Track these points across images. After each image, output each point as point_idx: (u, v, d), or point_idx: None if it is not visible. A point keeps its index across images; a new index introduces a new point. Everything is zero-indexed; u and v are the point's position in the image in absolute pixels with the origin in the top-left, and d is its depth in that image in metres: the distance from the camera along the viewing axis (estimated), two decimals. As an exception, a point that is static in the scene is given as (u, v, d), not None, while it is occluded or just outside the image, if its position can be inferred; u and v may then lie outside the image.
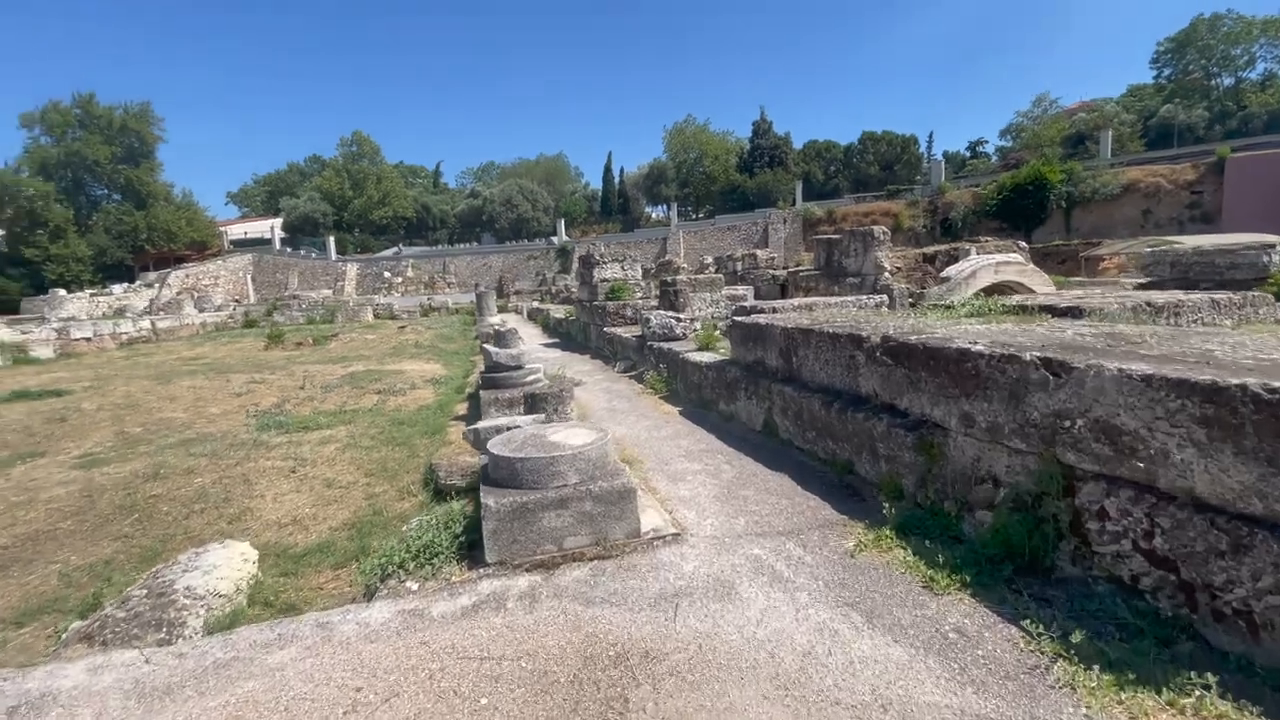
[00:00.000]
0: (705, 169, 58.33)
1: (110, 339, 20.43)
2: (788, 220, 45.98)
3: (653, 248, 46.43)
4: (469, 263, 49.62)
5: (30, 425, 7.66)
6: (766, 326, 5.34)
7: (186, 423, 7.70)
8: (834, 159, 64.51)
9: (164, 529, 4.58)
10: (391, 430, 6.84)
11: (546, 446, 3.37)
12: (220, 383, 10.29)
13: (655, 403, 6.99)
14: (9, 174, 45.79)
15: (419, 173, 73.89)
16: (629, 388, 8.06)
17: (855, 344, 4.12)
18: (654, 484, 4.23)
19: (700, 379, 6.52)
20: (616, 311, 11.50)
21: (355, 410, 8.02)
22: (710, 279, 11.84)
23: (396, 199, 60.03)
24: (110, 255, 49.41)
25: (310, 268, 52.60)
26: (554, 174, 66.84)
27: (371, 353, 14.73)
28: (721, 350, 7.09)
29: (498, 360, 6.92)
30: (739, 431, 5.41)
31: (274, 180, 72.13)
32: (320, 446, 6.26)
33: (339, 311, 28.89)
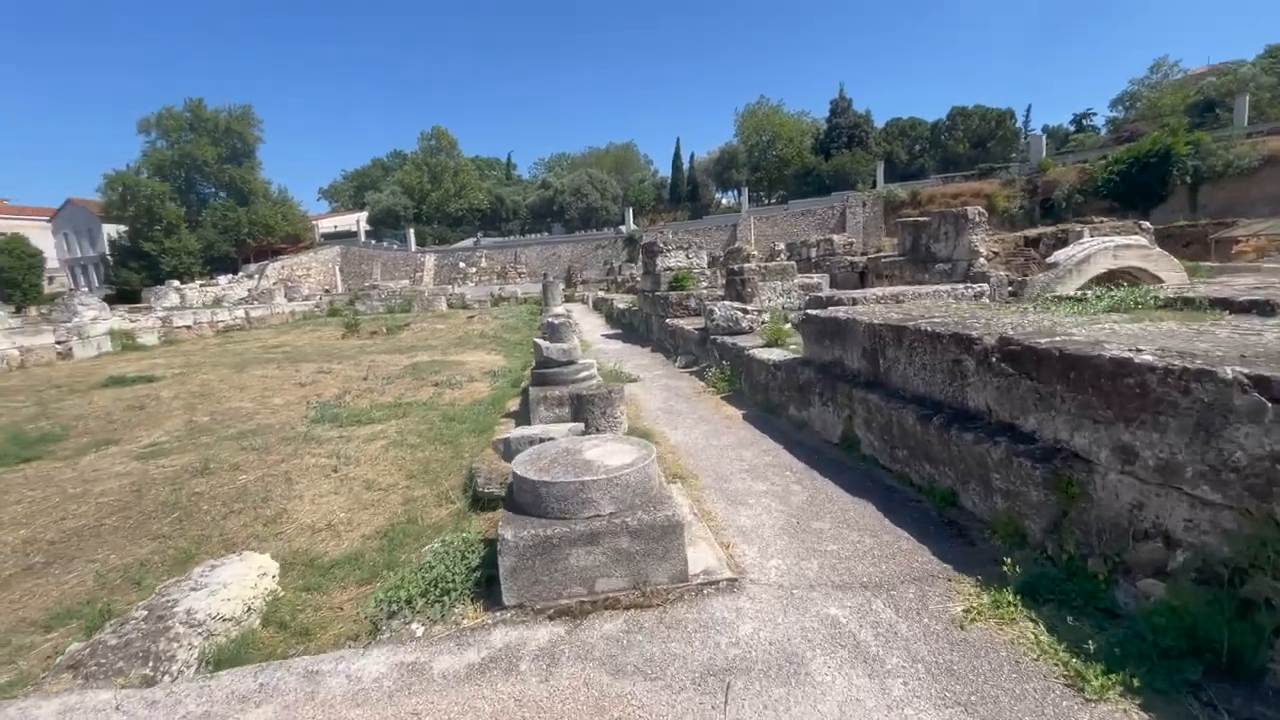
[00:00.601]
0: (778, 152, 56.20)
1: (208, 326, 21.80)
2: (867, 203, 43.55)
3: (722, 235, 45.23)
4: (539, 252, 50.16)
5: (112, 412, 7.95)
6: (847, 321, 4.59)
7: (250, 413, 7.76)
8: (919, 137, 60.57)
9: (201, 529, 4.42)
10: (441, 427, 6.56)
11: (578, 467, 2.84)
12: (290, 371, 10.48)
13: (716, 404, 6.35)
14: (130, 175, 50.15)
15: (493, 165, 75.45)
16: (689, 386, 7.44)
17: (962, 346, 3.34)
18: (709, 507, 3.62)
19: (767, 379, 5.82)
20: (679, 302, 10.87)
21: (410, 404, 7.84)
22: (781, 266, 10.99)
23: (472, 191, 61.51)
24: (217, 248, 53.30)
25: (392, 259, 54.79)
26: (623, 163, 66.44)
27: (438, 342, 14.81)
28: (792, 346, 6.35)
29: (548, 356, 6.49)
30: (812, 443, 4.71)
31: (360, 176, 75.76)
32: (367, 444, 6.05)
33: (415, 301, 29.80)
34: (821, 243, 19.67)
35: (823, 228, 42.35)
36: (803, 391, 5.09)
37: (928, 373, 3.65)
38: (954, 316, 4.00)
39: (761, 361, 5.95)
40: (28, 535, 4.30)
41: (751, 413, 5.81)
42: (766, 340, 6.76)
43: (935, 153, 58.07)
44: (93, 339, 15.98)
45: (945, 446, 3.32)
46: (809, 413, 5.00)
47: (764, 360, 5.90)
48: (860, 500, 3.56)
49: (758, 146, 56.76)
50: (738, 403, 6.26)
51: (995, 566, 2.67)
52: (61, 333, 15.16)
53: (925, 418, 3.48)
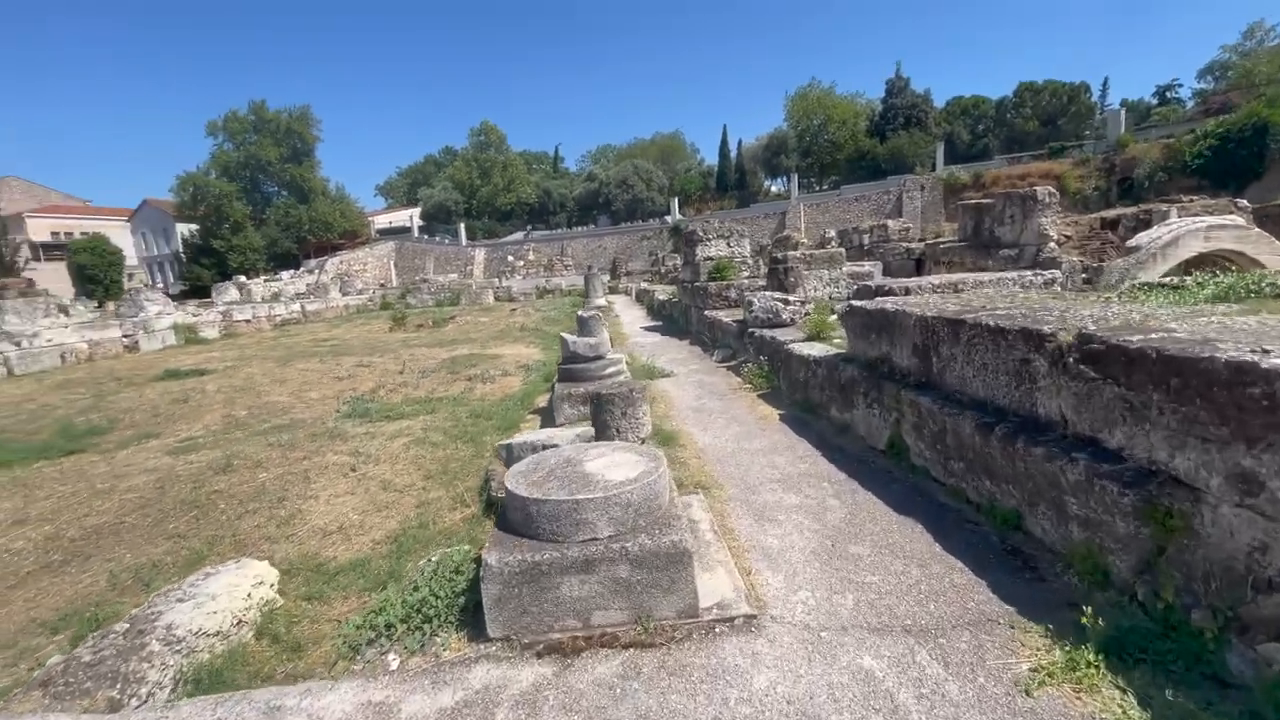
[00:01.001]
0: (830, 135, 54.28)
1: (266, 320, 22.62)
2: (926, 187, 41.57)
3: (770, 223, 44.09)
4: (585, 245, 50.17)
5: (158, 405, 8.16)
6: (896, 314, 4.09)
7: (285, 407, 7.81)
8: (983, 116, 57.47)
9: (216, 529, 4.34)
10: (467, 424, 6.38)
11: (575, 481, 2.51)
12: (331, 365, 10.60)
13: (752, 402, 5.92)
14: (200, 176, 52.83)
15: (541, 159, 75.93)
16: (724, 381, 7.02)
17: (1032, 343, 2.84)
18: (732, 524, 3.24)
19: (807, 376, 5.35)
20: (718, 293, 10.41)
21: (441, 399, 7.72)
22: (829, 254, 10.38)
23: (520, 185, 62.10)
24: (280, 245, 55.62)
25: (444, 253, 55.95)
26: (669, 152, 65.64)
27: (479, 335, 14.82)
28: (836, 341, 5.85)
29: (574, 351, 6.20)
30: (854, 449, 4.24)
31: (413, 172, 77.66)
32: (390, 441, 5.92)
33: (463, 294, 30.22)
34: (875, 229, 18.73)
35: (877, 214, 40.73)
36: (845, 391, 4.61)
37: (989, 374, 3.15)
38: (1021, 308, 3.47)
39: (801, 357, 5.48)
40: (52, 531, 4.32)
41: (789, 413, 5.36)
42: (808, 334, 6.27)
43: (1000, 132, 55.02)
44: (157, 333, 16.75)
45: (1009, 461, 2.83)
46: (852, 415, 4.53)
47: (803, 356, 5.43)
48: (907, 519, 3.11)
49: (808, 130, 54.98)
50: (775, 401, 5.82)
51: (1070, 612, 2.21)
52: (128, 327, 15.93)
53: (986, 426, 3.00)
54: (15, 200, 59.51)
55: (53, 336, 13.70)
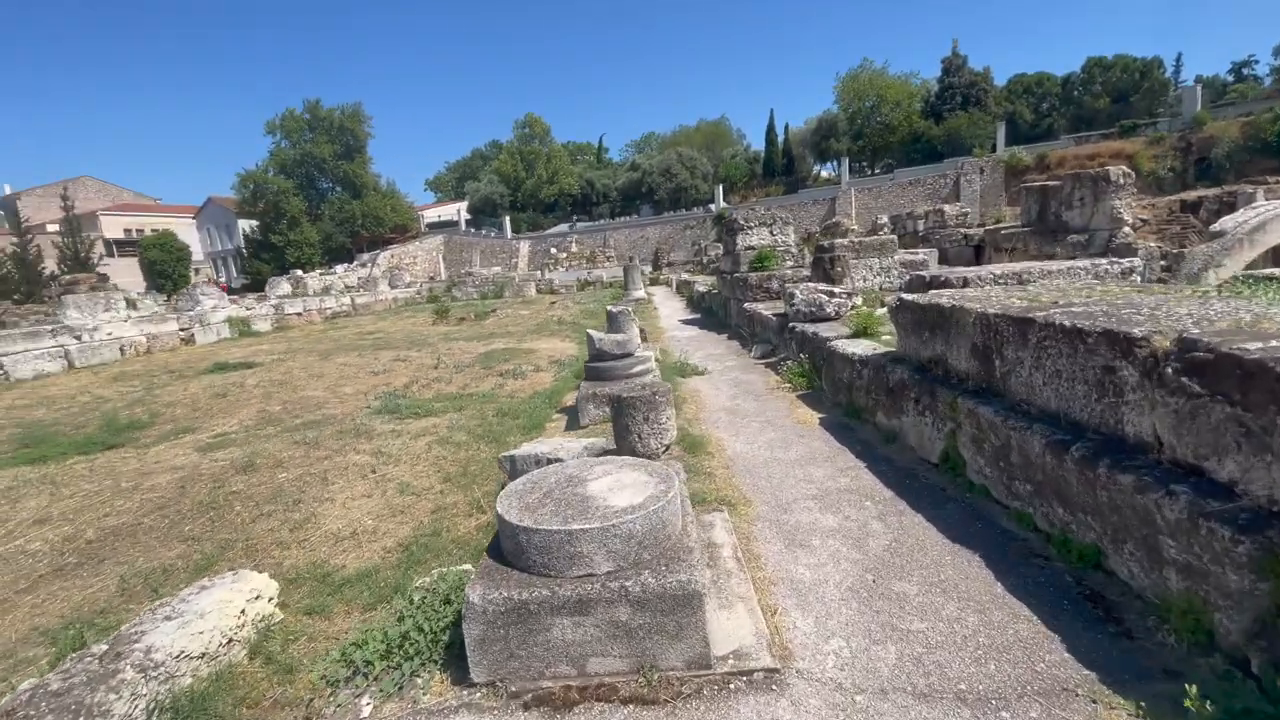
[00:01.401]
0: (883, 117, 52.17)
1: (317, 314, 23.26)
2: (985, 169, 39.46)
3: (819, 210, 42.76)
4: (627, 235, 49.88)
5: (199, 399, 8.32)
6: (952, 310, 3.62)
7: (319, 402, 7.82)
8: (1047, 94, 54.18)
9: (229, 533, 4.26)
10: (493, 422, 6.20)
11: (573, 506, 2.21)
12: (370, 359, 10.66)
13: (790, 404, 5.51)
14: (259, 174, 54.98)
15: (585, 150, 75.87)
16: (761, 380, 6.61)
17: (1118, 348, 2.37)
18: (759, 547, 2.89)
19: (851, 377, 4.90)
20: (759, 284, 9.94)
21: (471, 394, 7.58)
22: (879, 242, 9.76)
23: (563, 176, 62.22)
24: (334, 240, 57.45)
25: (490, 246, 56.66)
26: (714, 139, 64.40)
27: (517, 329, 14.75)
28: (885, 337, 5.37)
29: (600, 348, 5.92)
30: (902, 461, 3.81)
31: (461, 166, 78.90)
32: (414, 440, 5.78)
33: (506, 287, 30.48)
34: (930, 214, 17.75)
35: (933, 198, 38.97)
36: (893, 395, 4.17)
37: (1064, 382, 2.69)
38: (1101, 304, 2.97)
39: (844, 356, 5.03)
40: (70, 532, 4.32)
41: (831, 417, 4.94)
42: (853, 329, 5.79)
43: (1066, 111, 51.82)
44: (212, 326, 17.38)
45: (1088, 488, 2.38)
46: (901, 422, 4.08)
47: (847, 354, 4.98)
48: (963, 550, 2.69)
49: (860, 113, 52.98)
50: (815, 404, 5.39)
51: (1167, 682, 1.79)
52: (184, 320, 16.56)
53: (1059, 445, 2.54)
54: (90, 199, 63.36)
55: (112, 330, 14.33)
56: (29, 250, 45.97)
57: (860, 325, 5.68)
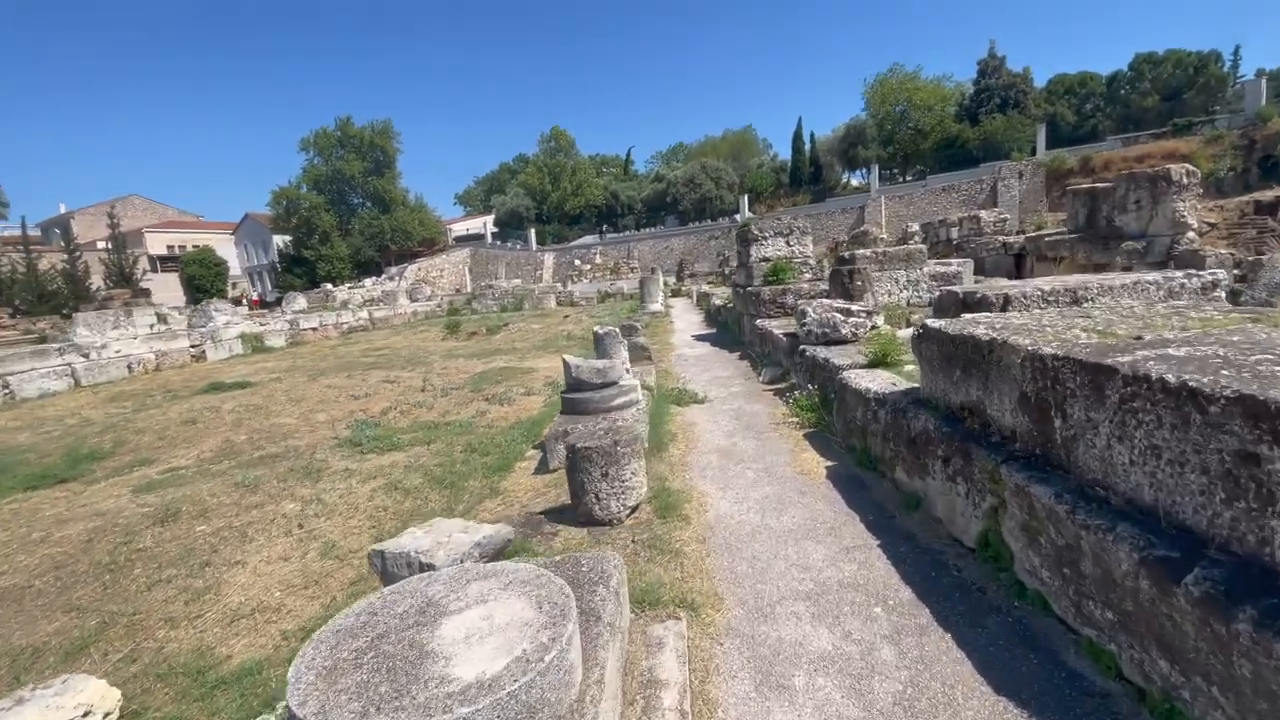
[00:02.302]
0: (914, 122, 50.67)
1: (333, 328, 23.09)
2: (1024, 174, 37.72)
3: (847, 218, 41.49)
4: (651, 246, 49.23)
5: (168, 428, 7.82)
6: (992, 345, 2.74)
7: (288, 431, 7.23)
8: (1091, 93, 51.97)
9: (119, 603, 3.61)
10: (458, 460, 5.48)
11: (398, 673, 1.43)
12: (358, 381, 10.10)
13: (795, 445, 4.64)
14: (293, 190, 56.20)
15: (610, 162, 75.81)
16: (767, 411, 5.75)
17: (1264, 427, 1.49)
18: (717, 690, 2.06)
19: (865, 418, 4.02)
20: (773, 299, 9.06)
21: (448, 424, 6.90)
22: (906, 252, 8.82)
23: (588, 189, 62.14)
24: (363, 254, 58.24)
25: (515, 259, 56.73)
26: (740, 148, 63.45)
27: (523, 345, 14.12)
28: (908, 368, 4.49)
29: (578, 376, 5.14)
30: (927, 539, 2.93)
31: (489, 180, 79.56)
32: (363, 483, 5.09)
33: (526, 300, 30.08)
34: (965, 221, 16.59)
35: (969, 205, 37.44)
36: (916, 449, 3.29)
37: (1165, 465, 1.81)
38: (1211, 343, 2.08)
39: (857, 391, 4.15)
40: (-58, 599, 3.73)
41: (840, 466, 4.06)
42: (871, 357, 4.90)
43: (1112, 110, 49.60)
44: (225, 342, 17.20)
45: (1218, 649, 1.50)
46: (925, 484, 3.20)
47: (860, 389, 4.10)
48: (1012, 708, 1.82)
49: (889, 118, 51.55)
50: (824, 446, 4.51)
51: None
52: (196, 337, 16.40)
53: (1162, 566, 1.67)
54: (137, 217, 65.68)
55: (121, 348, 14.17)
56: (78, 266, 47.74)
57: (879, 352, 4.79)
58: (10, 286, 43.06)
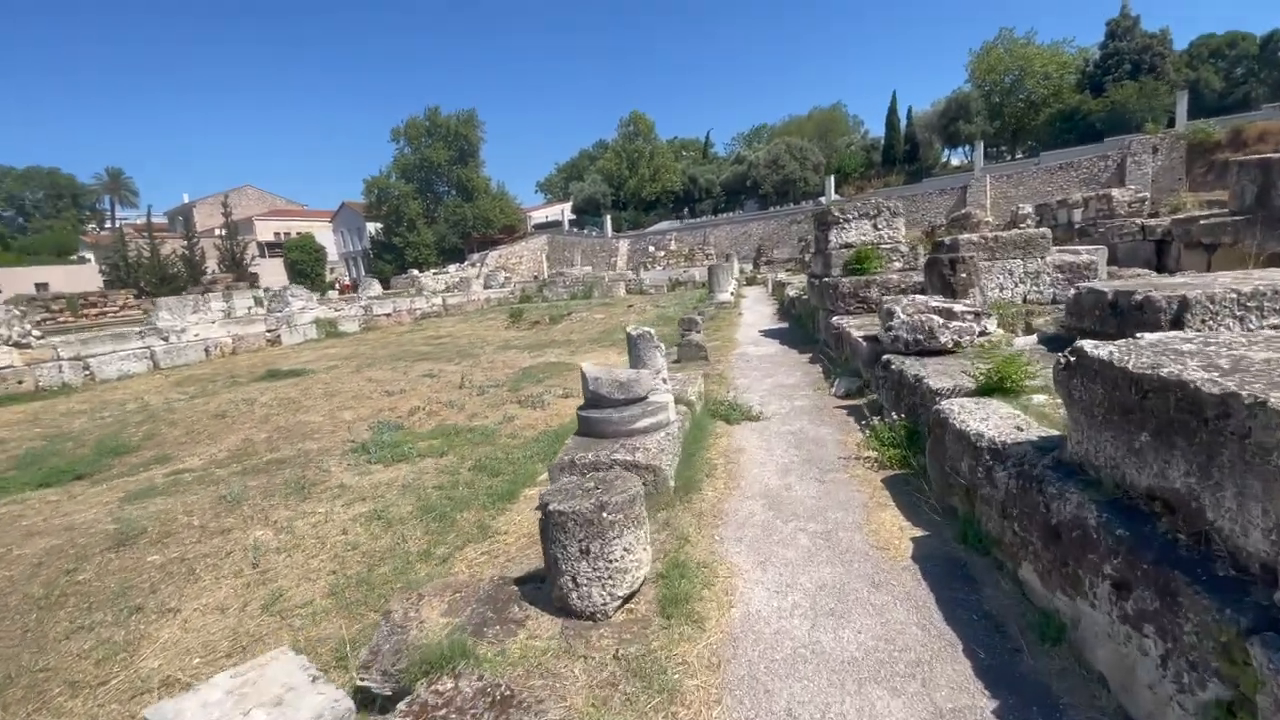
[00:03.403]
0: (1026, 94, 45.76)
1: (406, 314, 23.39)
2: (1160, 149, 33.05)
3: (945, 200, 38.06)
4: (728, 232, 47.44)
5: (199, 420, 7.59)
6: (1227, 405, 1.54)
7: (311, 430, 6.77)
8: (1242, 56, 45.21)
9: (32, 654, 3.05)
10: (464, 481, 4.71)
11: None
12: (401, 374, 9.66)
13: (871, 494, 3.48)
14: (383, 179, 58.52)
15: (690, 146, 74.03)
16: (837, 438, 4.56)
17: None
18: None
19: (973, 474, 2.81)
20: (853, 292, 7.72)
21: (471, 430, 6.18)
22: (1024, 237, 7.24)
23: (666, 174, 60.91)
24: (447, 241, 59.97)
25: (590, 245, 56.60)
26: (828, 127, 59.80)
27: (580, 336, 13.39)
28: (1036, 398, 3.22)
29: (596, 390, 4.20)
30: (1082, 709, 1.77)
31: (569, 167, 79.95)
32: (349, 506, 4.40)
33: (596, 287, 29.58)
34: (1092, 201, 14.22)
35: (1089, 184, 33.39)
36: (1062, 547, 2.10)
37: None
38: None
39: (961, 433, 2.95)
40: None
41: (934, 539, 2.89)
42: (983, 378, 3.62)
43: (1268, 75, 42.89)
44: (299, 327, 17.61)
45: None
46: (1076, 608, 2.02)
47: (967, 432, 2.90)
48: None
49: (997, 89, 46.81)
50: (910, 501, 3.33)
51: None
52: (272, 322, 16.84)
53: None
54: (249, 206, 70.93)
55: (199, 332, 14.66)
56: (195, 252, 52.02)
57: (994, 373, 3.51)
58: (136, 270, 47.44)
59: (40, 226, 68.47)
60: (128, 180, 73.52)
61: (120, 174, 71.96)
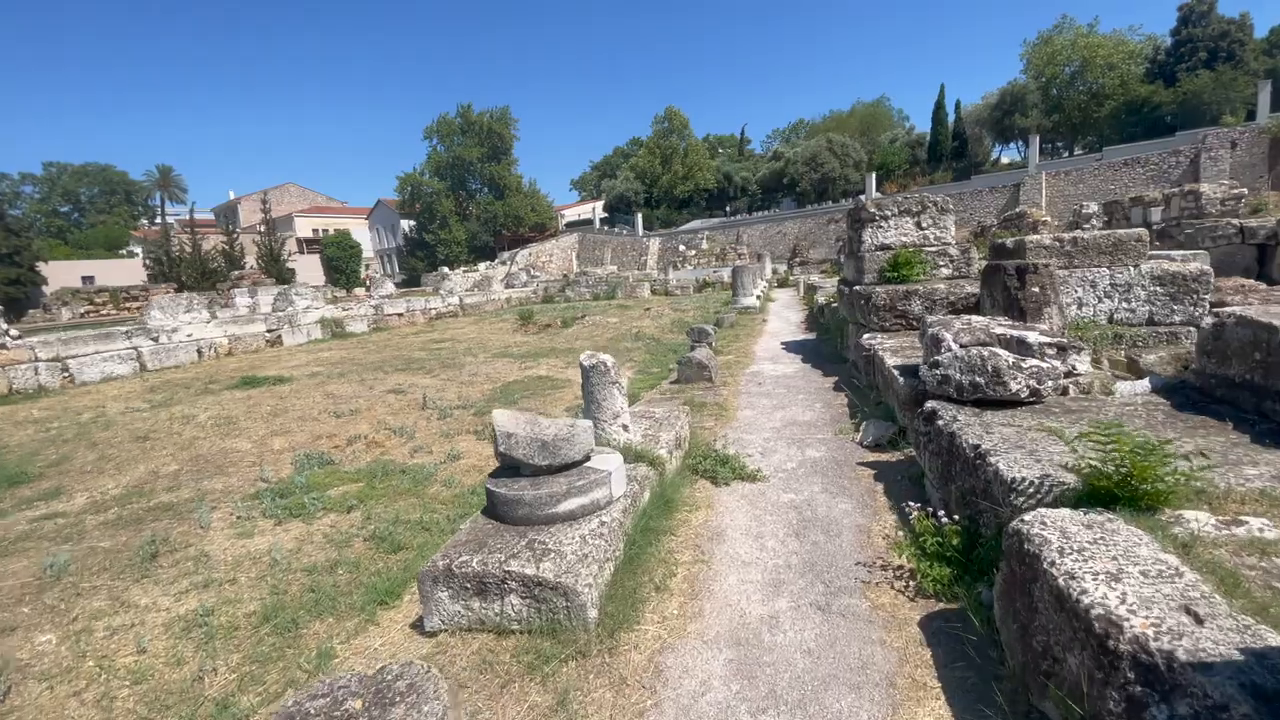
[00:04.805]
0: (1088, 85, 42.64)
1: (421, 314, 22.57)
2: (1239, 143, 30.05)
3: (996, 198, 35.57)
4: (762, 231, 45.60)
5: (120, 443, 6.63)
6: None
7: (229, 462, 5.71)
8: (1338, 40, 41.27)
9: None
10: (351, 560, 3.54)
11: None
12: (367, 388, 8.59)
13: (903, 655, 2.12)
14: (416, 176, 58.51)
15: (725, 142, 72.20)
16: (857, 523, 3.20)
17: None
18: None
19: (1104, 701, 1.48)
20: (890, 304, 6.28)
21: (403, 471, 5.03)
22: (1112, 240, 5.70)
23: (700, 171, 59.37)
24: (479, 238, 59.67)
25: (621, 244, 55.50)
26: (871, 122, 57.18)
27: (584, 344, 12.18)
28: (1191, 516, 1.84)
29: (508, 452, 2.95)
30: None
31: (604, 165, 79.03)
32: (180, 600, 3.25)
33: (619, 288, 28.41)
34: (1174, 198, 12.29)
35: (1158, 181, 30.67)
36: None
37: None
38: None
39: (1077, 611, 1.60)
40: None
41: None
42: (1092, 472, 2.24)
43: (1369, 60, 38.91)
44: (303, 327, 16.89)
45: None
46: None
47: (1088, 610, 1.55)
48: None
49: (1057, 80, 43.79)
50: (967, 689, 1.98)
51: None
52: (273, 321, 16.13)
53: None
54: (291, 203, 72.14)
55: (192, 332, 13.98)
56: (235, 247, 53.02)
57: (1113, 466, 2.12)
58: (178, 264, 48.41)
59: (94, 221, 71.09)
60: (177, 178, 75.62)
61: (170, 171, 74.04)
